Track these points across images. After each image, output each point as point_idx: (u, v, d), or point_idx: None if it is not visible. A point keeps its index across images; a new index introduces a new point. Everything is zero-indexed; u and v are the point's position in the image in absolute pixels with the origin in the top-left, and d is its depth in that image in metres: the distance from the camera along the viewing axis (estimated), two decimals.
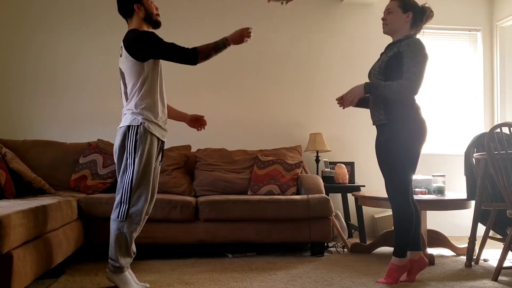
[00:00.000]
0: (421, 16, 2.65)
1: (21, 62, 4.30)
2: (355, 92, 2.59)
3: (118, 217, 2.35)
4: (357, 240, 3.99)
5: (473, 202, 3.25)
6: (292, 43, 4.61)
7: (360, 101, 2.80)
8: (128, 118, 2.40)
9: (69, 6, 4.37)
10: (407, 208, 2.54)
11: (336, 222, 3.77)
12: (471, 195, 3.24)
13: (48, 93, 4.30)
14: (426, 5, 2.66)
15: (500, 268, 2.71)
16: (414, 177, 3.45)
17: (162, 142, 2.57)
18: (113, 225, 2.37)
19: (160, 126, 2.48)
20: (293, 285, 2.56)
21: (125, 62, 2.41)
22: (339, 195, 4.44)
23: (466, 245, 3.19)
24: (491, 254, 3.47)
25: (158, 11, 2.55)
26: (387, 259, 3.22)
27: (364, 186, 4.19)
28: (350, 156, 4.54)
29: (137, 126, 2.36)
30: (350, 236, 4.22)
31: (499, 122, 3.67)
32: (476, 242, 3.15)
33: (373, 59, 2.94)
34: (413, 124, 2.55)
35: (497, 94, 4.74)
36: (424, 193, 3.52)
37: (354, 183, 4.32)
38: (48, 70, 4.32)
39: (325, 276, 2.78)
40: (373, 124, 2.72)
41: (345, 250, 3.67)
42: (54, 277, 2.66)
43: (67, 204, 2.79)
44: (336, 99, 2.72)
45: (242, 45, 2.55)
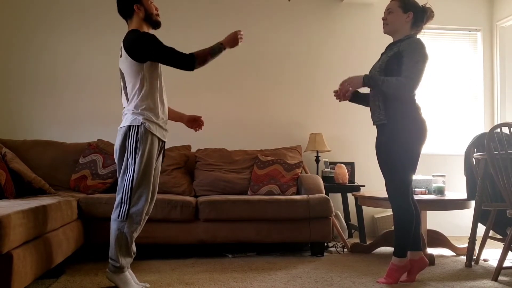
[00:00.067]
0: (422, 16, 2.65)
1: (21, 62, 4.30)
2: (353, 81, 2.60)
3: (118, 217, 2.35)
4: (357, 240, 3.99)
5: (473, 202, 3.25)
6: (292, 43, 4.61)
7: (355, 96, 2.81)
8: (128, 118, 2.40)
9: (69, 6, 4.37)
10: (407, 208, 2.54)
11: (336, 222, 3.77)
12: (471, 195, 3.25)
13: (48, 93, 4.30)
14: (427, 5, 2.67)
15: (500, 268, 2.71)
16: (414, 177, 3.45)
17: (163, 142, 2.57)
18: (114, 225, 2.37)
19: (161, 126, 2.48)
20: (293, 285, 2.56)
21: (125, 62, 2.42)
22: (339, 195, 4.44)
23: (466, 245, 3.19)
24: (491, 254, 3.47)
25: (158, 11, 2.55)
26: (387, 259, 3.22)
27: (364, 186, 4.19)
28: (350, 156, 4.54)
29: (138, 126, 2.36)
30: (350, 236, 4.22)
31: (499, 122, 3.67)
32: (476, 242, 3.15)
33: (373, 59, 2.94)
34: (413, 124, 2.55)
35: (497, 94, 4.74)
36: (424, 193, 3.52)
37: (354, 183, 4.32)
38: (48, 70, 4.32)
39: (325, 276, 2.78)
40: (373, 124, 2.72)
41: (345, 250, 3.67)
42: (54, 277, 2.66)
43: (67, 204, 2.79)
44: (334, 91, 2.73)
45: (242, 45, 2.55)
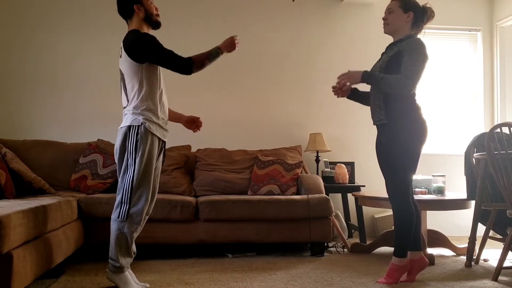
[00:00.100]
0: (422, 16, 2.65)
1: (21, 62, 4.30)
2: (352, 76, 2.60)
3: (118, 217, 2.35)
4: (357, 240, 3.99)
5: (473, 202, 3.25)
6: (292, 43, 4.61)
7: (354, 93, 2.82)
8: (129, 118, 2.40)
9: (69, 6, 4.37)
10: (407, 208, 2.54)
11: (336, 222, 3.76)
12: (471, 195, 3.24)
13: (48, 93, 4.30)
14: (427, 5, 2.66)
15: (500, 268, 2.71)
16: (414, 177, 3.45)
17: (163, 142, 2.57)
18: (114, 225, 2.37)
19: (161, 126, 2.48)
20: (293, 285, 2.56)
21: (125, 63, 2.42)
22: (339, 195, 4.44)
23: (466, 245, 3.19)
24: (491, 254, 3.47)
25: (158, 11, 2.55)
26: (387, 259, 3.22)
27: (364, 186, 4.19)
28: (350, 156, 4.54)
29: (138, 126, 2.36)
30: (350, 236, 4.22)
31: (499, 122, 3.67)
32: (476, 242, 3.15)
33: (373, 59, 2.94)
34: (413, 124, 2.55)
35: (497, 94, 4.74)
36: (424, 193, 3.52)
37: (354, 183, 4.32)
38: (48, 70, 4.32)
39: (325, 276, 2.78)
40: (374, 124, 2.72)
41: (345, 250, 3.67)
42: (54, 277, 2.66)
43: (67, 204, 2.79)
44: (332, 87, 2.74)
45: (242, 45, 2.56)
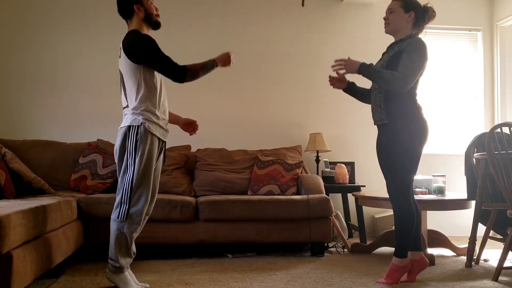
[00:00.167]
0: (423, 16, 2.64)
1: (21, 62, 4.30)
2: (350, 65, 2.59)
3: (118, 217, 2.35)
4: (357, 240, 3.98)
5: (473, 202, 3.25)
6: (292, 43, 4.61)
7: (351, 88, 2.83)
8: (128, 119, 2.40)
9: (69, 6, 4.37)
10: (408, 209, 2.54)
11: (336, 222, 3.76)
12: (471, 195, 3.24)
13: (48, 93, 4.30)
14: (428, 5, 2.66)
15: (500, 268, 2.71)
16: (415, 177, 3.44)
17: (164, 142, 2.57)
18: (113, 225, 2.37)
19: (161, 126, 2.48)
20: (293, 285, 2.56)
21: (124, 63, 2.41)
22: (339, 195, 4.44)
23: (466, 245, 3.19)
24: (491, 254, 3.46)
25: (158, 11, 2.55)
26: (387, 259, 3.22)
27: (364, 186, 4.18)
28: (350, 156, 4.54)
29: (138, 126, 2.36)
30: (350, 236, 4.22)
31: (499, 122, 3.67)
32: (477, 242, 3.15)
33: (373, 59, 2.94)
34: (414, 124, 2.55)
35: (497, 94, 4.74)
36: (424, 193, 3.51)
37: (354, 183, 4.31)
38: (48, 70, 4.32)
39: (325, 276, 2.78)
40: (374, 124, 2.71)
41: (345, 250, 3.66)
42: (54, 277, 2.65)
43: (67, 204, 2.79)
44: (329, 76, 2.77)
45: (242, 45, 2.56)
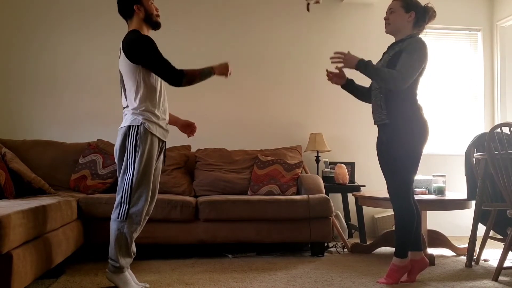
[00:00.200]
0: (424, 16, 2.64)
1: (21, 62, 4.29)
2: (349, 59, 2.57)
3: (118, 217, 2.35)
4: (357, 240, 3.98)
5: (473, 202, 3.25)
6: (292, 43, 4.61)
7: (350, 84, 2.84)
8: (128, 119, 2.40)
9: (69, 6, 4.37)
10: (408, 209, 2.54)
11: (336, 222, 3.76)
12: (471, 195, 3.24)
13: (48, 93, 4.30)
14: (429, 5, 2.66)
15: (500, 268, 2.71)
16: (415, 177, 3.45)
17: (164, 142, 2.57)
18: (113, 225, 2.37)
19: (161, 126, 2.48)
20: (293, 285, 2.56)
21: (123, 63, 2.41)
22: (339, 195, 4.44)
23: (466, 245, 3.19)
24: (491, 254, 3.47)
25: (158, 12, 2.55)
26: (387, 259, 3.22)
27: (364, 186, 4.18)
28: (350, 156, 4.54)
29: (138, 126, 2.36)
30: (350, 236, 4.22)
31: (499, 122, 3.67)
32: (477, 242, 3.15)
33: (373, 59, 2.91)
34: (414, 124, 2.55)
35: (497, 94, 4.74)
36: (425, 193, 3.51)
37: (354, 183, 4.31)
38: (48, 70, 4.32)
39: (325, 276, 2.78)
40: (375, 124, 2.71)
41: (345, 250, 3.66)
42: (54, 277, 2.65)
43: (67, 204, 2.79)
44: (326, 70, 2.77)
45: (242, 45, 2.56)
